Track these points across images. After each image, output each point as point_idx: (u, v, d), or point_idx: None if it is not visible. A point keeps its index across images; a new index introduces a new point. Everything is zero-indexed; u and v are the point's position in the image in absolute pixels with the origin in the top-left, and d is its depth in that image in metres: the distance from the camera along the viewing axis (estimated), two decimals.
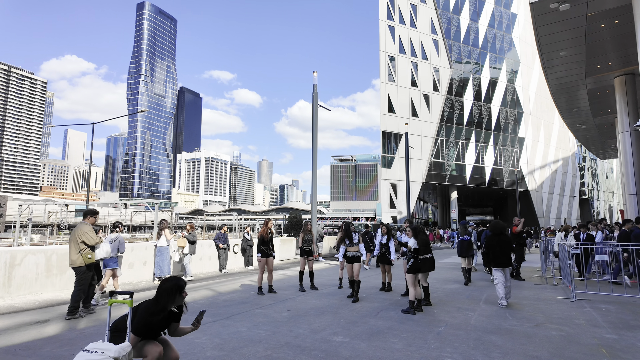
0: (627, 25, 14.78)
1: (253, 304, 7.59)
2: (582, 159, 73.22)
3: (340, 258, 8.63)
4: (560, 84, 21.68)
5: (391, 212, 41.59)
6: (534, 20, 15.13)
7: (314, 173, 17.05)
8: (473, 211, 69.93)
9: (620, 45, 16.75)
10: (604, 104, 24.18)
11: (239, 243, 14.70)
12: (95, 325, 5.87)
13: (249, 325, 5.89)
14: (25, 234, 43.41)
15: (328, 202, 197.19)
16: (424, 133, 44.56)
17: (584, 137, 34.29)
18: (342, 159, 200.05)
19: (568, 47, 17.15)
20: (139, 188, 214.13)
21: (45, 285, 8.57)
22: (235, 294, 8.85)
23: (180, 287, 3.16)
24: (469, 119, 48.42)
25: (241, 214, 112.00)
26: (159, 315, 3.07)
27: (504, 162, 50.76)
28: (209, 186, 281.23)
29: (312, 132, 16.12)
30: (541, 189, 55.19)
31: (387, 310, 7.06)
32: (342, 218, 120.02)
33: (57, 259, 8.91)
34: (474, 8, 50.47)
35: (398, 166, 41.88)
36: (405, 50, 44.33)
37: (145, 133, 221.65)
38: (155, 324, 3.09)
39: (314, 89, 17.13)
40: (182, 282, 3.21)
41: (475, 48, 50.15)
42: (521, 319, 6.40)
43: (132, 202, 70.42)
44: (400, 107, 43.07)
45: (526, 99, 54.55)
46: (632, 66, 18.62)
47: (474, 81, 49.52)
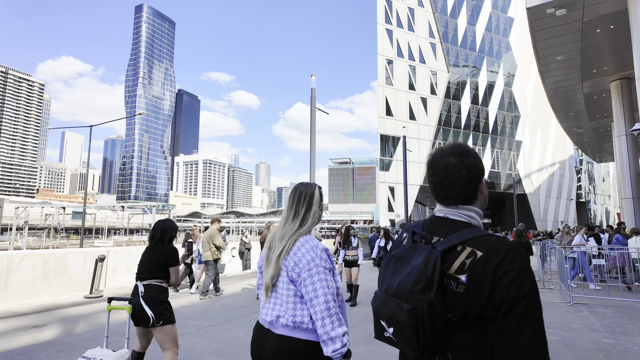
0: (622, 31, 14.91)
1: (251, 308, 7.58)
2: (579, 162, 73.52)
3: (340, 262, 8.72)
4: (556, 87, 21.82)
5: (389, 215, 41.63)
6: (531, 24, 15.24)
7: (311, 177, 17.07)
8: None
9: (616, 50, 16.89)
10: (600, 108, 24.33)
11: (236, 246, 14.69)
12: (92, 330, 5.85)
13: (247, 330, 5.88)
14: (21, 236, 43.21)
15: (326, 205, 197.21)
16: (421, 136, 44.69)
17: (580, 140, 34.47)
18: (340, 161, 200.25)
19: (564, 52, 17.28)
20: (136, 190, 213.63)
21: (42, 289, 8.54)
22: (233, 297, 8.84)
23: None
24: (467, 122, 48.61)
25: (239, 217, 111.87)
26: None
27: (501, 165, 50.96)
28: (206, 189, 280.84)
29: (310, 135, 16.14)
30: (538, 192, 55.39)
31: None
32: (340, 221, 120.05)
33: (54, 262, 8.88)
34: (471, 12, 50.77)
35: (396, 169, 41.96)
36: (403, 54, 44.51)
37: (143, 135, 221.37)
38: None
39: (312, 92, 17.16)
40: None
41: (473, 52, 50.42)
42: None
43: (129, 205, 70.24)
44: (398, 110, 43.20)
45: (523, 102, 54.83)
46: (628, 71, 18.76)
47: (472, 84, 49.76)
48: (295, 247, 1.74)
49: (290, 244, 1.75)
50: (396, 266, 1.17)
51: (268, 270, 1.77)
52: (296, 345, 1.65)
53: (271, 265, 1.76)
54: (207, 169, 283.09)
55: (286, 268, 1.72)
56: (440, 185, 1.22)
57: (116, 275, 10.21)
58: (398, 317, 1.09)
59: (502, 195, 52.69)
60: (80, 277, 9.31)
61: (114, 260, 10.22)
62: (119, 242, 59.77)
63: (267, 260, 1.81)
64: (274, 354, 1.67)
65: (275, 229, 1.87)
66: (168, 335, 3.36)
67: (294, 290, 1.71)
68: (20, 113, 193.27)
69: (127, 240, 66.40)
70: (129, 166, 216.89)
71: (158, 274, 3.47)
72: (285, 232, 1.80)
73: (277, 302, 1.74)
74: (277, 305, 1.73)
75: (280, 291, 1.74)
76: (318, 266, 1.68)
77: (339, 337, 1.61)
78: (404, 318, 1.07)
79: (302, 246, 1.74)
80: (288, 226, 1.81)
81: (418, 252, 1.15)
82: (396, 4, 44.45)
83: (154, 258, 3.50)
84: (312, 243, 1.75)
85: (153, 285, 3.41)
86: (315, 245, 1.75)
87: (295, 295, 1.70)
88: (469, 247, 1.11)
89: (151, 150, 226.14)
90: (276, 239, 1.82)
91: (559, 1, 13.31)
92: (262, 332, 1.76)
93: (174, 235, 3.68)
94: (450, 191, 1.21)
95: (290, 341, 1.66)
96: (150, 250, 3.57)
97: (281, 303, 1.72)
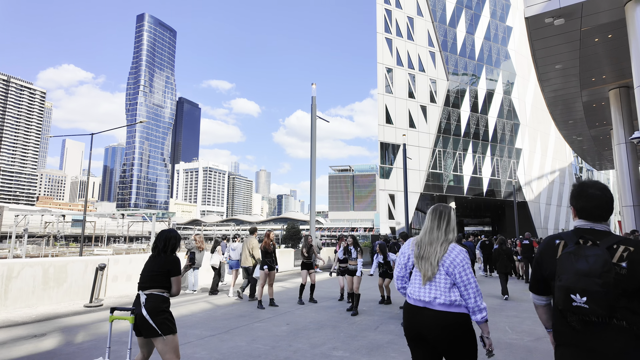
0: (620, 40, 15.03)
1: (252, 318, 7.54)
2: (579, 170, 73.60)
3: (335, 268, 8.82)
4: (555, 96, 21.92)
5: (389, 222, 41.55)
6: (530, 34, 15.37)
7: (312, 185, 17.07)
8: (471, 222, 69.95)
9: (614, 58, 17.01)
10: (599, 116, 24.43)
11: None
12: (93, 340, 5.81)
13: (248, 340, 5.85)
14: (21, 244, 43.07)
15: (326, 212, 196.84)
16: (421, 144, 44.79)
17: (580, 148, 34.54)
18: (340, 169, 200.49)
19: (563, 61, 17.39)
20: (136, 198, 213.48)
21: (42, 298, 8.50)
22: (234, 307, 8.79)
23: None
24: (466, 130, 48.76)
25: (239, 224, 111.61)
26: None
27: (501, 173, 50.99)
28: (206, 196, 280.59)
29: (310, 143, 16.18)
30: (539, 200, 55.35)
31: (386, 324, 7.03)
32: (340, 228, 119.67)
33: (55, 271, 8.85)
34: (470, 21, 51.23)
35: (396, 177, 41.99)
36: (403, 62, 44.82)
37: (143, 143, 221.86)
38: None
39: (312, 101, 17.24)
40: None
41: (472, 60, 50.76)
42: (521, 332, 6.38)
43: (129, 213, 70.16)
44: (397, 118, 43.37)
45: (522, 110, 55.06)
46: (626, 79, 18.87)
47: (471, 93, 50.01)
48: (448, 251, 2.51)
49: (444, 249, 2.52)
50: (574, 259, 1.78)
51: (426, 266, 2.52)
52: (452, 316, 2.39)
53: (430, 264, 2.51)
54: (207, 177, 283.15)
55: (443, 265, 2.49)
56: (596, 208, 1.92)
57: (116, 284, 10.17)
58: (591, 289, 1.68)
59: (503, 202, 52.64)
60: (80, 286, 9.27)
61: (114, 269, 10.19)
62: (119, 250, 59.56)
63: (421, 258, 2.56)
64: (436, 323, 2.39)
65: (421, 235, 2.66)
66: (169, 345, 3.35)
67: (450, 280, 2.46)
68: (22, 121, 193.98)
69: (126, 248, 66.17)
70: (129, 174, 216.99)
71: (159, 283, 3.48)
72: (432, 239, 2.57)
73: (432, 288, 2.47)
74: (434, 290, 2.46)
75: (437, 280, 2.47)
76: (466, 263, 2.48)
77: (485, 308, 2.43)
78: (597, 289, 1.67)
79: (452, 250, 2.52)
80: (433, 234, 2.58)
81: (588, 249, 1.77)
82: (396, 13, 44.88)
83: (156, 267, 3.52)
84: (458, 248, 2.54)
85: (154, 295, 3.42)
86: (460, 249, 2.54)
87: (450, 283, 2.46)
88: (622, 245, 1.77)
89: (151, 158, 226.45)
90: (425, 243, 2.60)
91: (557, 11, 13.44)
92: (418, 309, 2.48)
93: (177, 245, 3.70)
94: (602, 213, 1.91)
95: (447, 313, 2.39)
96: (153, 260, 3.59)
97: (437, 288, 2.45)
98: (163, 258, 3.57)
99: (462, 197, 48.27)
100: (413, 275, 2.62)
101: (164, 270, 3.50)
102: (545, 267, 1.97)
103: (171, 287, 3.53)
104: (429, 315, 2.40)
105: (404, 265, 2.70)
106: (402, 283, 2.70)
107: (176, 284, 3.55)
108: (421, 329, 2.43)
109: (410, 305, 2.53)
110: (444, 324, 2.37)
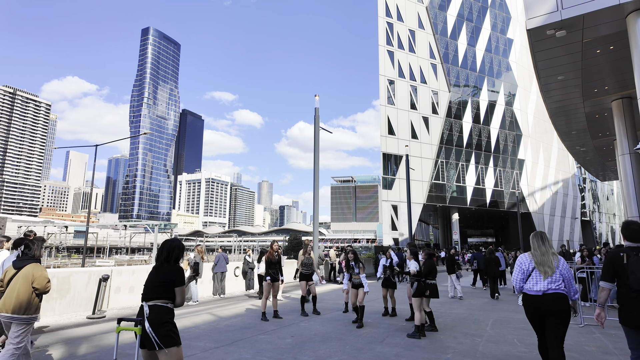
0: (622, 51, 15.10)
1: (256, 330, 7.45)
2: (582, 181, 73.28)
3: (345, 285, 8.86)
4: (558, 107, 21.95)
5: (392, 233, 41.33)
6: (531, 46, 15.46)
7: (315, 196, 17.04)
8: (474, 233, 69.45)
9: (617, 70, 17.06)
10: (602, 126, 24.40)
11: (239, 266, 14.54)
12: (96, 352, 5.75)
13: (253, 352, 5.77)
14: None
15: (328, 223, 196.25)
16: (424, 155, 44.83)
17: (583, 159, 34.43)
18: (343, 179, 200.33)
19: (565, 72, 17.45)
20: (138, 209, 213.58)
21: (45, 309, 8.44)
22: (237, 318, 8.70)
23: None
24: (469, 141, 48.80)
25: (241, 235, 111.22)
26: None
27: (504, 183, 50.84)
28: (209, 207, 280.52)
29: (314, 154, 16.19)
30: (542, 211, 55.03)
31: (392, 337, 6.93)
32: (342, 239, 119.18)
33: (58, 282, 8.81)
34: (470, 34, 51.73)
35: (399, 187, 41.92)
36: (404, 74, 45.15)
37: (146, 155, 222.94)
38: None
39: (315, 112, 17.30)
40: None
41: (473, 72, 51.09)
42: (530, 345, 6.27)
43: (131, 224, 70.08)
44: (400, 129, 43.50)
45: (524, 121, 55.15)
46: (629, 90, 18.89)
47: (473, 104, 50.20)
48: (557, 259, 4.12)
49: (556, 257, 4.11)
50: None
51: (545, 268, 4.05)
52: (562, 296, 3.99)
53: (549, 267, 4.05)
54: (209, 188, 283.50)
55: (557, 267, 4.07)
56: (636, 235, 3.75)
57: (119, 295, 10.10)
58: None
59: (506, 213, 52.35)
60: (83, 297, 9.22)
61: (117, 280, 10.14)
62: (120, 262, 59.26)
63: (543, 264, 4.07)
64: (552, 300, 3.96)
65: (533, 251, 4.19)
66: (173, 357, 3.30)
67: (561, 276, 4.05)
68: (27, 133, 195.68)
69: (128, 260, 65.86)
70: (132, 185, 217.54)
71: (163, 294, 3.44)
72: (542, 252, 4.14)
73: (551, 281, 4.01)
74: (552, 283, 4.00)
75: (554, 277, 4.02)
76: (567, 266, 4.14)
77: (576, 291, 4.11)
78: None
79: (560, 259, 4.15)
80: (542, 249, 4.15)
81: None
82: (397, 26, 45.39)
83: (160, 278, 3.48)
84: (562, 259, 4.19)
85: (158, 306, 3.38)
86: (562, 258, 4.17)
87: (560, 278, 4.04)
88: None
89: (154, 169, 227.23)
90: (539, 254, 4.14)
91: (559, 23, 13.53)
92: (539, 296, 4.00)
93: (180, 255, 3.66)
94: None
95: (559, 294, 3.98)
96: (157, 270, 3.55)
97: (553, 281, 4.01)
98: (167, 268, 3.54)
99: (465, 208, 48.06)
100: (532, 276, 4.10)
101: (167, 280, 3.46)
102: (617, 267, 3.69)
103: (175, 298, 3.49)
104: (548, 298, 3.95)
105: (525, 270, 4.18)
106: (521, 283, 4.17)
107: (180, 294, 3.51)
108: (542, 308, 3.97)
109: (531, 295, 4.04)
110: (557, 300, 3.94)
